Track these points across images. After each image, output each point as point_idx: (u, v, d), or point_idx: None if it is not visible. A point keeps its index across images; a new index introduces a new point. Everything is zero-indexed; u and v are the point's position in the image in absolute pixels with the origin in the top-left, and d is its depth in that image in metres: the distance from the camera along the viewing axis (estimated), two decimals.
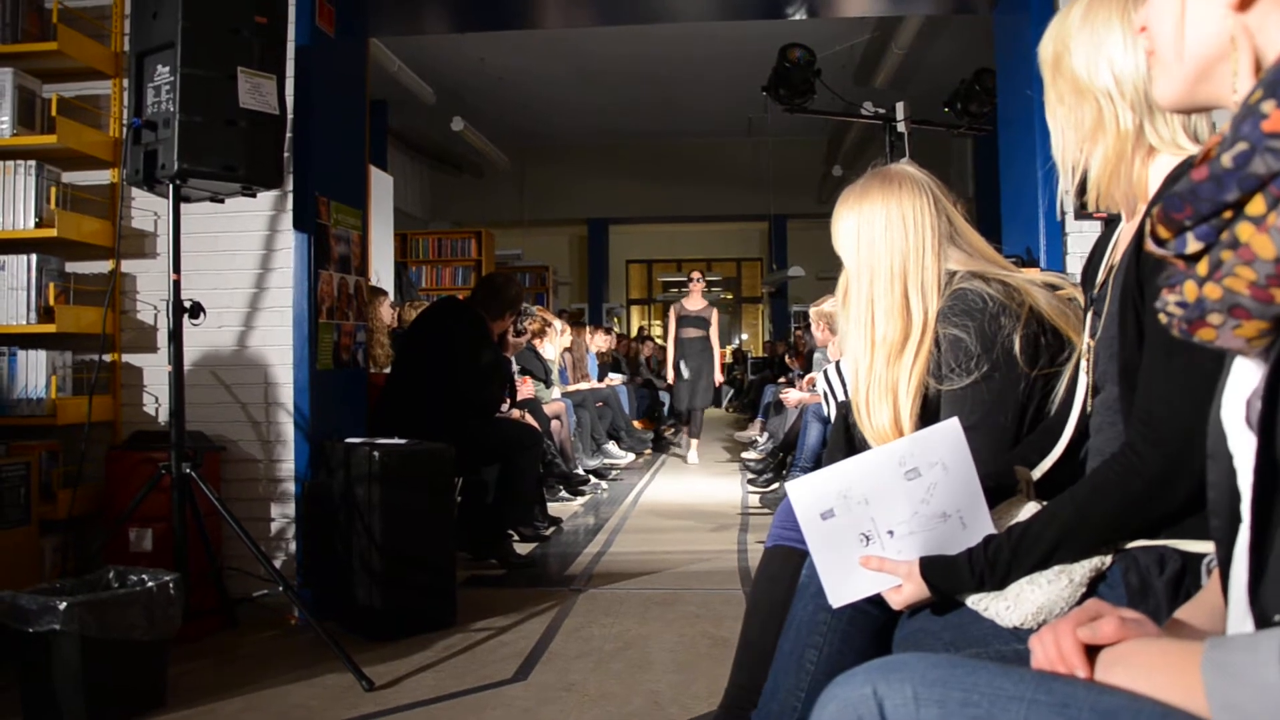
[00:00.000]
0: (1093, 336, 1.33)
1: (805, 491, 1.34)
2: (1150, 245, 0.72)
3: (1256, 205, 0.63)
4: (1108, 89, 1.27)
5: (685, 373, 8.54)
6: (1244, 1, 0.73)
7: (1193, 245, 0.67)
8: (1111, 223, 1.43)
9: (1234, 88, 0.76)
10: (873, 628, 1.43)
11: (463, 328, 4.49)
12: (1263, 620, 0.71)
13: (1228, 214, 0.65)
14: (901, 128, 4.47)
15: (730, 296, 19.87)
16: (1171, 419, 1.11)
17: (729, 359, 18.24)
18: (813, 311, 5.40)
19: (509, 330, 4.78)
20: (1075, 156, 1.33)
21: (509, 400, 5.27)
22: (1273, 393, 0.66)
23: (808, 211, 14.47)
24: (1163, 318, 0.71)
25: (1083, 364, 1.37)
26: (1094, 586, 1.21)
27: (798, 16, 4.26)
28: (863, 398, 1.72)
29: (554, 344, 7.51)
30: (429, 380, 4.34)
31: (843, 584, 1.36)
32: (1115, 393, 1.24)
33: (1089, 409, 1.35)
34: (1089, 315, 1.37)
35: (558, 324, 7.88)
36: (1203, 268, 0.67)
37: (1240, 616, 0.74)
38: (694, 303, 8.70)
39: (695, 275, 8.78)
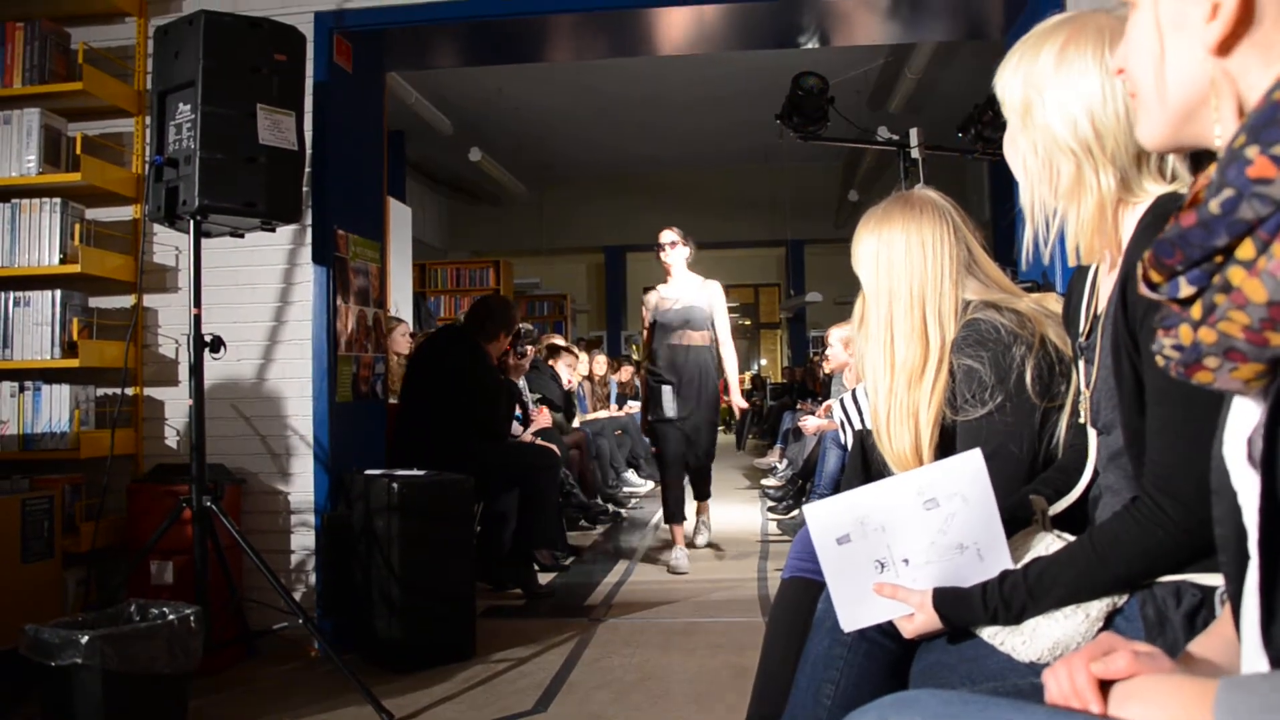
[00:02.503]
0: (1088, 385, 1.32)
1: (822, 516, 1.34)
2: (1143, 289, 0.73)
3: (1246, 249, 0.63)
4: (1087, 143, 1.22)
5: (670, 407, 5.05)
6: (1223, 47, 0.73)
7: (1185, 289, 0.68)
8: (1084, 266, 1.41)
9: (1217, 132, 0.76)
10: (889, 661, 1.42)
11: (461, 354, 4.49)
12: (1278, 661, 0.70)
13: (1218, 258, 0.65)
14: (916, 154, 4.48)
15: (748, 323, 19.86)
16: (1184, 468, 1.09)
17: (748, 385, 18.08)
18: (836, 334, 5.31)
19: (510, 354, 4.76)
20: (1049, 209, 1.28)
21: (522, 425, 5.27)
22: (1273, 431, 0.66)
23: (825, 236, 14.46)
24: (1160, 360, 0.71)
25: (1084, 413, 1.35)
26: (1110, 620, 1.20)
27: (810, 45, 4.29)
28: (883, 421, 1.71)
29: (574, 372, 7.47)
30: (437, 410, 4.34)
31: (855, 609, 1.36)
32: (1121, 438, 1.23)
33: (1099, 450, 1.34)
34: (1080, 362, 1.36)
35: (583, 357, 7.86)
36: (1196, 311, 0.67)
37: (1254, 654, 0.73)
38: (678, 286, 5.15)
39: (668, 239, 5.13)
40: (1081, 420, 1.37)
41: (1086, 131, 1.22)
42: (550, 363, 6.99)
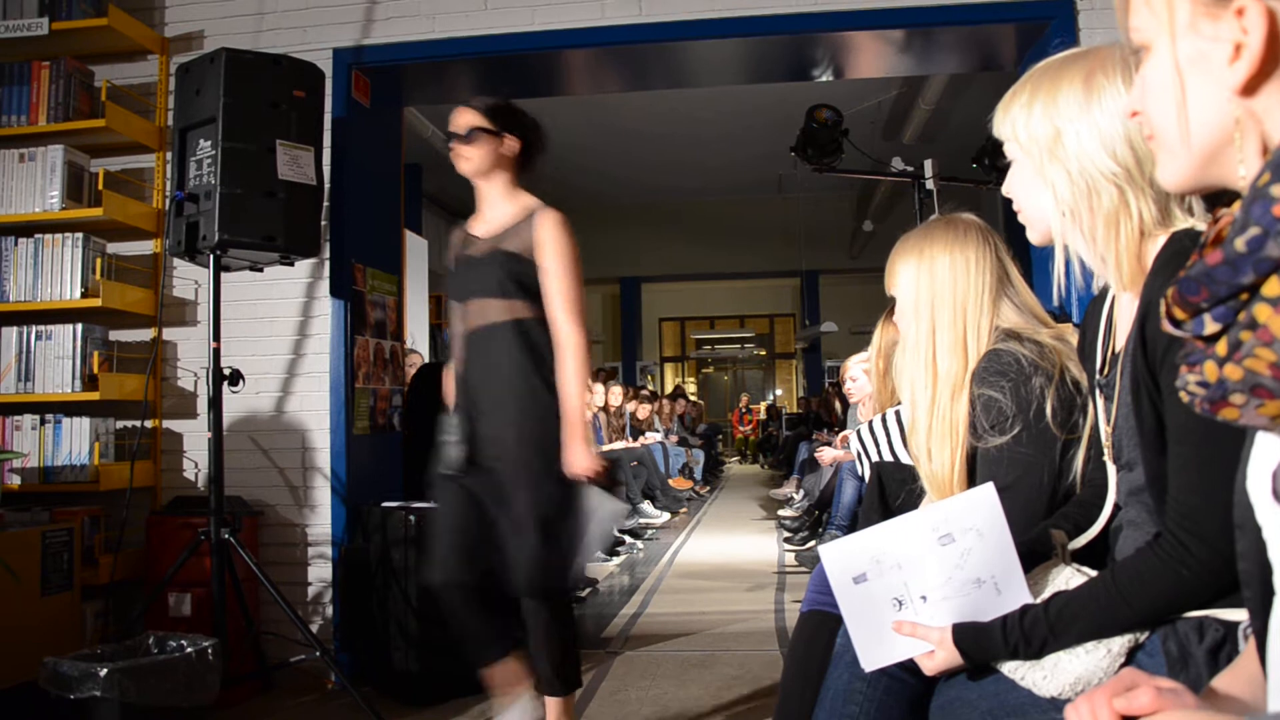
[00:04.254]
0: (1108, 421, 1.31)
1: (838, 555, 1.34)
2: (1166, 326, 0.72)
3: (1272, 287, 0.63)
4: (1128, 169, 1.22)
5: (450, 451, 2.62)
6: (1248, 88, 0.72)
7: (1210, 326, 0.67)
8: (1098, 298, 1.40)
9: (1240, 171, 0.75)
10: (909, 697, 1.41)
11: None
12: None
13: (1244, 295, 0.65)
14: (930, 184, 4.48)
15: (764, 353, 19.85)
16: (1207, 506, 1.08)
17: (763, 415, 17.96)
18: (858, 366, 5.21)
19: None
20: (1083, 239, 1.27)
21: None
22: None
23: (839, 267, 14.48)
24: (1184, 396, 0.71)
25: (1105, 450, 1.34)
26: (1132, 655, 1.18)
27: (824, 78, 4.32)
28: (923, 437, 1.69)
29: (589, 404, 7.46)
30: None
31: (875, 648, 1.35)
32: (1143, 474, 1.22)
33: (1120, 485, 1.33)
34: (1099, 398, 1.35)
35: (598, 388, 7.84)
36: (1222, 348, 0.66)
37: None
38: (488, 215, 3.00)
39: (463, 122, 2.97)
40: (1103, 456, 1.36)
41: (1127, 157, 1.22)
42: None
